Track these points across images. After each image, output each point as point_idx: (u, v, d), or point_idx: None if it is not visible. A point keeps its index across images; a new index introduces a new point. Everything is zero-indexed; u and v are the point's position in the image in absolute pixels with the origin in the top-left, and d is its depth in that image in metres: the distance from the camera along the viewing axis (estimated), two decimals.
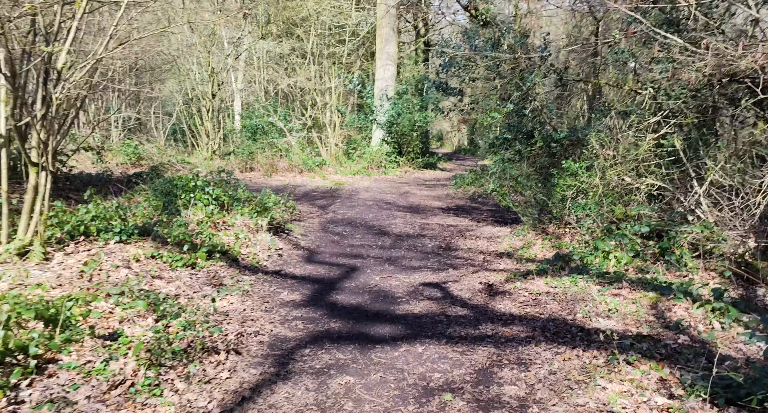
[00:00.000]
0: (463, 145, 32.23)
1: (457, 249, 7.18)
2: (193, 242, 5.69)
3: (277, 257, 6.27)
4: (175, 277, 4.96)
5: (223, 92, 20.02)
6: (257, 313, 4.39)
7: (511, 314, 4.45)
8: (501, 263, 6.26)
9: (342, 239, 7.71)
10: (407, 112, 16.52)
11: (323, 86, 17.64)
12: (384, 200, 11.42)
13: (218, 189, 7.78)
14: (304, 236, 7.66)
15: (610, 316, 4.20)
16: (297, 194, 11.64)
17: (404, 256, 6.74)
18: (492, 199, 11.46)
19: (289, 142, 16.59)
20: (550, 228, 7.78)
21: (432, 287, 5.37)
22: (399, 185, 14.05)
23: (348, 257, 6.64)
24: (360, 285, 5.43)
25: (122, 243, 5.71)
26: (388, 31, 16.60)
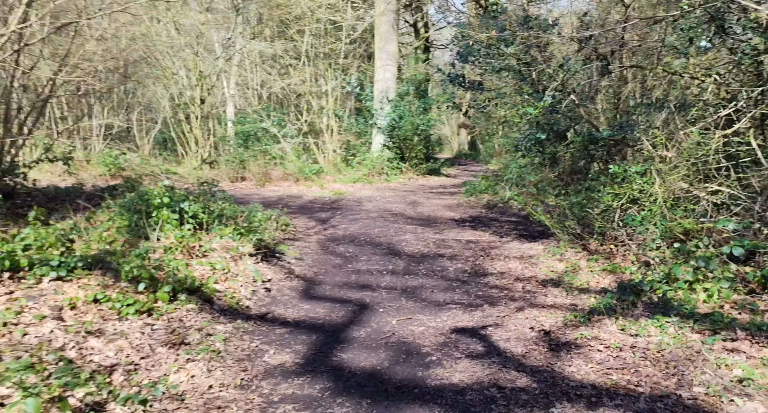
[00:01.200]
0: (464, 150, 30.90)
1: (487, 273, 5.78)
2: (153, 277, 4.28)
3: (263, 293, 4.86)
4: (120, 332, 3.55)
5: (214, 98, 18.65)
6: (228, 393, 2.98)
7: (593, 385, 3.05)
8: (548, 295, 4.87)
9: (345, 262, 6.31)
10: (409, 115, 15.16)
11: (319, 89, 16.26)
12: (390, 211, 10.02)
13: (196, 205, 6.37)
14: (299, 260, 6.25)
15: (749, 393, 2.81)
16: (292, 207, 10.24)
17: (423, 286, 5.34)
18: (510, 208, 10.08)
19: (284, 148, 15.20)
20: (591, 245, 6.40)
21: (468, 335, 3.97)
22: (404, 193, 12.66)
23: (354, 288, 5.24)
24: (372, 333, 4.03)
25: (60, 281, 4.31)
26: (388, 28, 15.26)
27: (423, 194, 12.69)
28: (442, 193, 13.03)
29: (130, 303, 3.95)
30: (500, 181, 11.45)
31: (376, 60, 15.64)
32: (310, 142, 16.18)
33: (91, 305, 3.93)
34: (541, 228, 8.28)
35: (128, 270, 4.18)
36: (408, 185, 14.58)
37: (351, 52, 17.15)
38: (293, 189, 13.04)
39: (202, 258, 5.28)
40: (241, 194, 11.89)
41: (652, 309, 4.07)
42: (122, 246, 5.35)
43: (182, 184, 12.88)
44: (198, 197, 7.68)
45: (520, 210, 9.83)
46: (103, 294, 4.01)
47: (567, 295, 4.82)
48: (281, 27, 16.46)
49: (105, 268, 4.65)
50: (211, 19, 15.64)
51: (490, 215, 9.67)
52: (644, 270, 5.03)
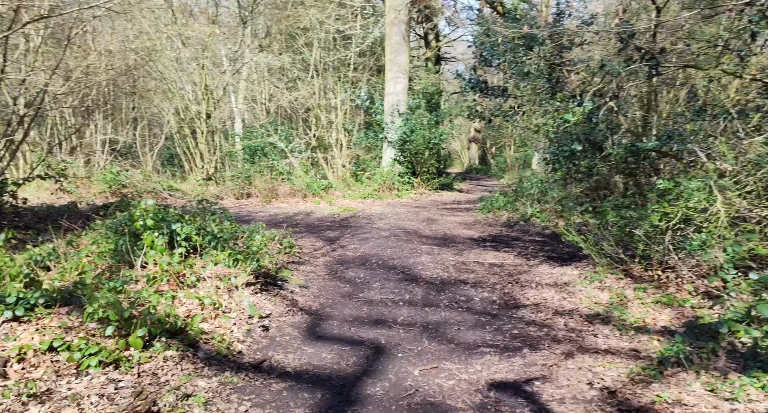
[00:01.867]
0: (475, 165, 30.13)
1: (519, 305, 4.96)
2: (127, 317, 3.50)
3: (260, 332, 4.06)
4: (72, 396, 2.77)
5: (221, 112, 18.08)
6: None
7: None
8: (598, 335, 4.03)
9: (356, 290, 5.51)
10: (421, 129, 14.43)
11: (328, 103, 15.61)
12: (403, 229, 9.23)
13: (189, 226, 5.62)
14: (304, 288, 5.46)
15: None
16: (299, 225, 9.49)
17: (447, 320, 4.53)
18: (532, 225, 9.25)
19: (292, 164, 14.50)
20: (634, 270, 5.56)
21: (511, 393, 3.14)
22: (417, 210, 11.87)
23: (367, 324, 4.43)
24: (391, 389, 3.22)
25: (17, 323, 3.56)
26: (398, 39, 14.62)
27: (436, 210, 11.89)
28: (457, 209, 12.22)
29: (94, 351, 3.18)
30: (519, 196, 10.64)
31: (387, 72, 14.98)
32: (319, 157, 15.49)
33: (45, 355, 3.16)
34: (571, 249, 7.44)
35: (94, 310, 3.41)
36: (420, 201, 13.80)
37: (360, 65, 16.52)
38: (301, 206, 12.30)
39: (191, 289, 4.50)
40: (246, 212, 11.16)
41: (738, 360, 3.22)
42: (101, 275, 4.60)
43: (184, 201, 12.20)
44: (194, 217, 6.96)
45: (543, 228, 9.00)
46: (62, 341, 3.24)
47: (621, 336, 3.98)
48: (289, 39, 15.89)
49: (73, 305, 3.90)
50: (217, 31, 15.10)
51: (512, 234, 8.83)
52: (711, 305, 4.19)
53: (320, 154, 15.43)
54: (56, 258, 5.35)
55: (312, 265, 6.61)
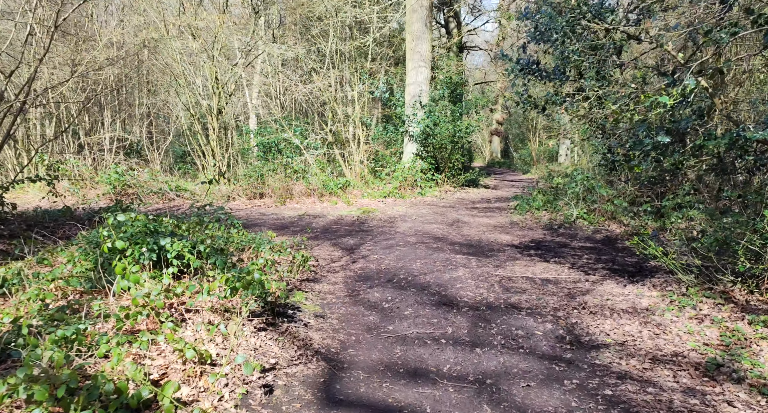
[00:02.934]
0: (497, 158, 28.76)
1: (596, 343, 3.77)
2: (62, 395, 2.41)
3: (261, 396, 2.95)
4: None
5: (233, 107, 17.05)
6: None
7: None
8: (734, 402, 2.83)
9: (384, 319, 4.38)
10: (445, 121, 13.21)
11: (344, 95, 14.45)
12: (430, 234, 8.07)
13: (180, 242, 4.54)
14: (320, 318, 4.34)
15: None
16: (314, 229, 8.38)
17: (508, 370, 3.37)
18: (579, 229, 8.00)
19: (307, 161, 13.40)
20: (736, 293, 4.33)
21: None
22: (443, 210, 10.69)
23: (402, 378, 3.30)
24: None
25: None
26: (420, 26, 13.38)
27: (465, 211, 10.68)
28: (487, 209, 11.00)
29: None
30: (560, 194, 9.38)
31: (408, 62, 13.76)
32: (336, 153, 14.37)
33: None
34: (633, 258, 6.21)
35: (14, 385, 2.32)
36: (445, 199, 12.60)
37: (378, 55, 15.30)
38: (317, 206, 11.20)
39: (175, 329, 3.41)
40: (258, 214, 10.09)
41: None
42: (64, 309, 3.54)
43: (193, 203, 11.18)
44: (194, 226, 5.89)
45: (593, 232, 7.75)
46: None
47: (762, 399, 2.78)
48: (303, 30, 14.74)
49: (9, 362, 2.83)
50: (228, 21, 14.01)
51: (557, 239, 7.60)
52: None
53: (337, 150, 14.31)
54: (20, 282, 4.31)
55: (329, 283, 5.48)
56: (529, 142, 29.35)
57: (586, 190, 8.48)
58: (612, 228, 7.78)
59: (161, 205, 10.75)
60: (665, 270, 5.48)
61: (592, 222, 7.98)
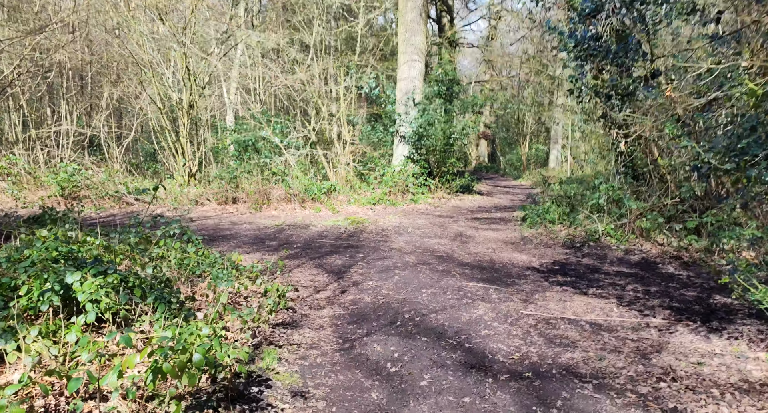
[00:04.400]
0: (484, 162, 27.57)
1: None
2: None
3: None
4: None
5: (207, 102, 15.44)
6: None
7: None
8: None
9: (393, 396, 2.98)
10: (441, 121, 11.87)
11: (329, 90, 13.01)
12: (432, 251, 6.71)
13: (97, 279, 3.07)
14: (298, 400, 2.91)
15: None
16: (294, 244, 6.93)
17: None
18: (608, 248, 6.70)
19: (288, 162, 11.92)
20: None
21: None
22: (441, 221, 9.33)
23: None
24: None
25: None
26: (415, 16, 12.02)
27: (466, 222, 9.34)
28: (490, 220, 9.67)
29: None
30: (576, 206, 8.10)
31: (400, 55, 12.39)
32: (319, 154, 12.91)
33: None
34: (692, 290, 4.93)
35: None
36: (440, 207, 11.25)
37: (367, 48, 13.89)
38: (297, 214, 9.73)
39: None
40: (228, 223, 8.59)
41: None
42: None
43: (154, 208, 9.63)
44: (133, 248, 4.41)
45: (625, 252, 6.46)
46: None
47: None
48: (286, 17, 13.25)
49: None
50: (202, 5, 12.45)
51: (584, 260, 6.29)
52: None
53: (321, 151, 12.86)
54: None
55: (313, 327, 4.06)
56: (518, 146, 28.26)
57: (611, 202, 7.20)
58: (646, 247, 6.51)
59: (116, 210, 9.17)
60: (746, 312, 4.20)
61: (621, 241, 6.70)
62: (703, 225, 6.16)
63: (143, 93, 12.04)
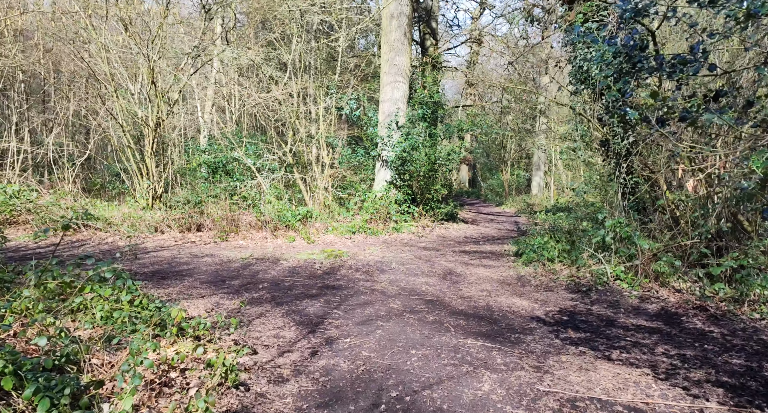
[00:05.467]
0: (465, 187, 26.91)
1: None
2: None
3: None
4: None
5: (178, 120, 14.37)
6: None
7: None
8: None
9: None
10: (426, 145, 11.04)
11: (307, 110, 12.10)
12: (420, 293, 5.74)
13: None
14: None
15: None
16: (261, 284, 5.86)
17: None
18: (619, 293, 5.82)
19: (260, 185, 10.88)
20: None
21: None
22: (427, 254, 8.38)
23: None
24: None
25: None
26: (399, 35, 11.28)
27: (454, 255, 8.41)
28: (479, 253, 8.76)
29: None
30: (576, 241, 7.25)
31: (383, 76, 11.59)
32: (297, 178, 11.91)
33: None
34: (735, 356, 4.05)
35: None
36: (425, 238, 10.32)
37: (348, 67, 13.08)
38: (268, 244, 8.68)
39: None
40: (187, 255, 7.48)
41: None
42: None
43: (106, 236, 8.46)
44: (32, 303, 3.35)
45: (640, 299, 5.59)
46: None
47: None
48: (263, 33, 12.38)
49: None
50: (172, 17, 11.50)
51: (594, 309, 5.39)
52: None
53: (297, 174, 11.86)
54: None
55: (273, 408, 3.02)
56: (499, 171, 27.73)
57: (618, 239, 6.36)
58: (663, 294, 5.65)
59: (59, 239, 7.97)
60: None
61: (634, 285, 5.83)
62: (728, 270, 5.34)
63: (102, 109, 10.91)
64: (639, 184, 6.96)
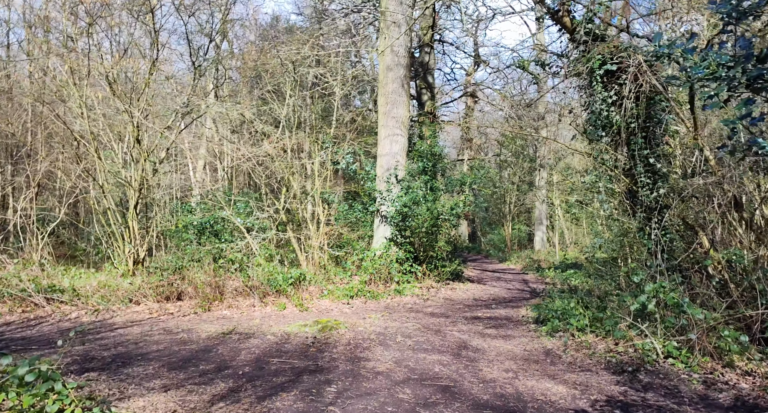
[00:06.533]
0: (465, 242, 25.96)
1: None
2: None
3: None
4: None
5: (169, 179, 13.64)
6: None
7: None
8: None
9: None
10: (428, 200, 10.23)
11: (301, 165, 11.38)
12: (432, 379, 4.67)
13: None
14: None
15: None
16: (238, 367, 4.75)
17: None
18: (674, 376, 4.75)
19: (250, 246, 9.94)
20: None
21: None
22: (436, 322, 7.32)
23: None
24: None
25: None
26: (396, 87, 10.77)
27: (466, 323, 7.35)
28: (495, 320, 7.70)
29: None
30: (606, 305, 6.25)
31: (381, 129, 10.98)
32: (290, 236, 10.98)
33: None
34: None
35: None
36: (431, 300, 9.27)
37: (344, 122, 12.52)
38: (256, 314, 7.62)
39: None
40: (160, 331, 6.40)
41: None
42: None
43: (71, 311, 7.40)
44: None
45: (705, 385, 4.52)
46: None
47: None
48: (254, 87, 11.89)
49: None
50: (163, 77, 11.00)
51: (650, 398, 4.32)
52: None
53: (291, 233, 10.94)
54: None
55: None
56: (499, 226, 26.91)
57: (662, 307, 5.37)
58: (731, 378, 4.60)
59: (15, 316, 6.90)
60: None
61: (692, 366, 4.79)
62: None
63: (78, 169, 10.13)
64: (674, 241, 6.07)
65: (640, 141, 6.33)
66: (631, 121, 6.31)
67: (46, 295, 7.37)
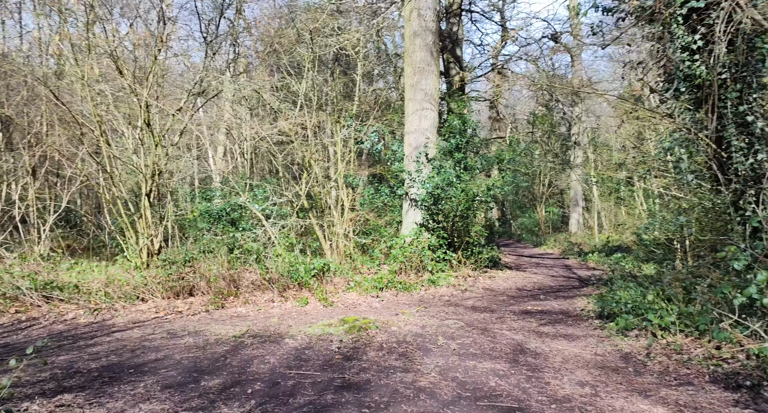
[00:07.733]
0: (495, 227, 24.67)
1: None
2: None
3: None
4: None
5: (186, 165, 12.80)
6: None
7: None
8: None
9: None
10: (462, 181, 9.08)
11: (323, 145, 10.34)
12: (490, 394, 3.59)
13: None
14: None
15: None
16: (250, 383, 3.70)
17: None
18: None
19: (267, 234, 8.98)
20: None
21: None
22: (480, 318, 6.23)
23: None
24: None
25: None
26: (425, 55, 9.57)
27: (515, 319, 6.24)
28: (546, 313, 6.56)
29: None
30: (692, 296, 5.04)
31: (408, 103, 9.82)
32: (313, 223, 9.99)
33: None
34: None
35: None
36: (469, 291, 8.18)
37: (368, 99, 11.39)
38: (274, 311, 6.66)
39: None
40: (164, 334, 5.48)
41: None
42: None
43: (68, 310, 6.58)
44: None
45: None
46: None
47: None
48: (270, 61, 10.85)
49: None
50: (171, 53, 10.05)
51: None
52: None
53: (314, 220, 9.94)
54: None
55: None
56: (530, 209, 25.52)
57: None
58: None
59: (5, 318, 6.09)
60: None
61: None
62: None
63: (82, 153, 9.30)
64: None
65: (734, 95, 5.05)
66: (722, 71, 5.03)
67: (44, 293, 6.55)
